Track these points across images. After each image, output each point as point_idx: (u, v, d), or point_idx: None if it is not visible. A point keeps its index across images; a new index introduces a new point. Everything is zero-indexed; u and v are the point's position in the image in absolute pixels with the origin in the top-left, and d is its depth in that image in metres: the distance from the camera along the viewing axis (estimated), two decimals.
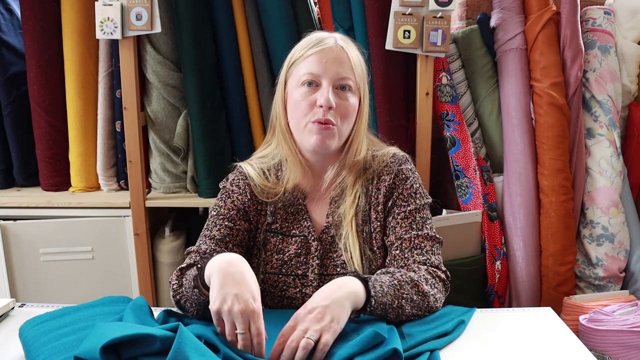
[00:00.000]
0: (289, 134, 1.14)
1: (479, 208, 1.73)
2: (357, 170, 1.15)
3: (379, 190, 1.14)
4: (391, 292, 0.99)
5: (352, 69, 1.10)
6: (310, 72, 1.08)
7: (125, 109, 1.69)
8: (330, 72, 1.08)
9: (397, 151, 1.21)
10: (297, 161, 1.14)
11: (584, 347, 0.97)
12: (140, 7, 1.60)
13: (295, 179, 1.14)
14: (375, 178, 1.15)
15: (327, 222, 1.14)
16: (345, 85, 1.09)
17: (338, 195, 1.15)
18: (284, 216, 1.16)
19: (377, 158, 1.17)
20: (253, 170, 1.17)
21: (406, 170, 1.16)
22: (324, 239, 1.14)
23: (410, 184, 1.14)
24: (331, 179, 1.15)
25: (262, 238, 1.15)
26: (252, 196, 1.15)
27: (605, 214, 1.74)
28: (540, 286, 1.78)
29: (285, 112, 1.14)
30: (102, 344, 0.78)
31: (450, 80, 1.78)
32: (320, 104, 1.06)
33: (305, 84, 1.09)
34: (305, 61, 1.09)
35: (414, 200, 1.13)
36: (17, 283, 1.78)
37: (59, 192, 1.88)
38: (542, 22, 1.73)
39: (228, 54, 1.74)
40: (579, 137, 1.78)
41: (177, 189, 1.85)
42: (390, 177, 1.14)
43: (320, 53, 1.08)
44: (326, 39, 1.11)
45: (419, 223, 1.11)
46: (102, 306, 1.02)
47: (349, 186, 1.14)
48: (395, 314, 1.00)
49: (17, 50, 1.89)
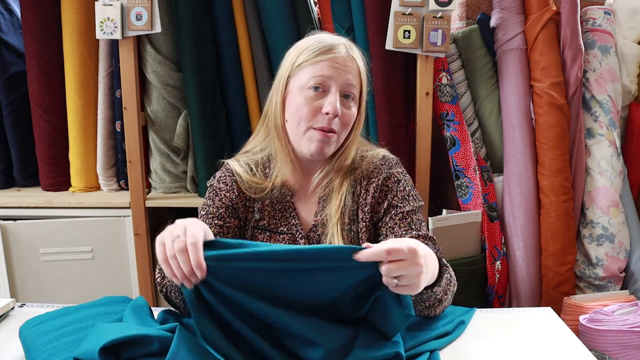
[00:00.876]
0: (283, 132, 1.13)
1: (479, 208, 1.73)
2: (345, 171, 1.15)
3: (367, 192, 1.14)
4: (443, 284, 1.00)
5: (359, 79, 1.11)
6: (320, 78, 1.07)
7: (125, 109, 1.69)
8: (339, 81, 1.08)
9: (387, 153, 1.22)
10: (288, 159, 1.13)
11: (584, 347, 0.97)
12: (140, 7, 1.60)
13: (283, 176, 1.14)
14: (364, 180, 1.16)
15: (315, 220, 1.15)
16: (349, 94, 1.10)
17: (326, 195, 1.15)
18: (272, 213, 1.16)
19: (366, 159, 1.18)
20: (239, 166, 1.16)
21: (397, 173, 1.17)
22: (311, 237, 1.15)
23: (403, 187, 1.15)
24: (319, 180, 1.15)
25: (250, 235, 1.15)
26: (240, 192, 1.15)
27: (605, 214, 1.74)
28: (540, 286, 1.78)
29: (282, 110, 1.13)
30: (101, 345, 0.78)
31: (450, 80, 1.78)
32: (327, 111, 1.06)
33: (311, 89, 1.08)
34: (314, 66, 1.08)
35: (409, 203, 1.14)
36: (17, 283, 1.78)
37: (59, 192, 1.88)
38: (542, 22, 1.73)
39: (228, 54, 1.74)
40: (579, 137, 1.78)
41: (177, 189, 1.85)
42: (379, 179, 1.15)
43: (332, 61, 1.08)
44: (337, 46, 1.10)
45: (417, 224, 1.12)
46: (102, 306, 1.02)
47: (336, 188, 1.14)
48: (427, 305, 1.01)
49: (17, 50, 1.89)
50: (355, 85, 1.10)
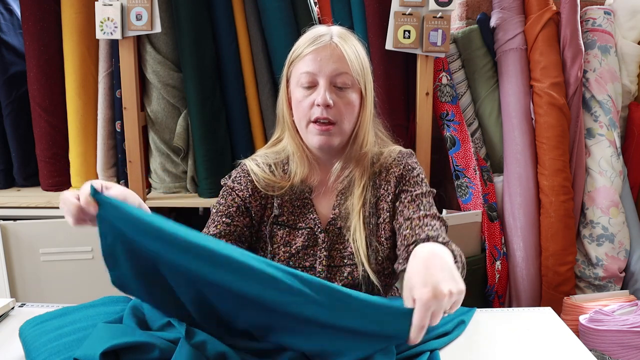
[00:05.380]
0: (294, 130, 1.16)
1: (479, 208, 1.73)
2: (364, 163, 1.16)
3: (388, 183, 1.16)
4: None
5: (347, 64, 1.10)
6: (306, 72, 1.10)
7: (125, 109, 1.69)
8: (325, 71, 1.09)
9: (402, 148, 1.25)
10: (304, 156, 1.16)
11: (584, 347, 0.97)
12: (140, 7, 1.60)
13: (302, 173, 1.16)
14: (384, 171, 1.17)
15: (334, 213, 1.16)
16: (342, 82, 1.10)
17: (345, 188, 1.16)
18: (291, 209, 1.17)
19: (384, 154, 1.20)
20: (257, 166, 1.18)
21: (412, 162, 1.19)
22: (330, 231, 1.15)
23: (417, 173, 1.17)
24: (338, 172, 1.17)
25: (269, 231, 1.16)
26: (255, 192, 1.16)
27: (605, 214, 1.74)
28: (540, 286, 1.78)
29: (290, 109, 1.16)
30: (102, 350, 0.78)
31: (450, 80, 1.78)
32: (318, 103, 1.08)
33: (303, 85, 1.10)
34: (302, 61, 1.11)
35: (420, 187, 1.15)
36: (17, 283, 1.78)
37: (59, 192, 1.87)
38: (542, 22, 1.73)
39: (228, 54, 1.74)
40: (579, 137, 1.78)
41: (177, 189, 1.85)
42: (399, 169, 1.17)
43: (315, 52, 1.09)
44: (322, 36, 1.11)
45: (426, 205, 1.13)
46: (102, 306, 1.02)
47: (356, 179, 1.15)
48: None
49: (17, 50, 1.89)
50: (347, 71, 1.10)
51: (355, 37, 1.16)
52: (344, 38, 1.12)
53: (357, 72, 1.11)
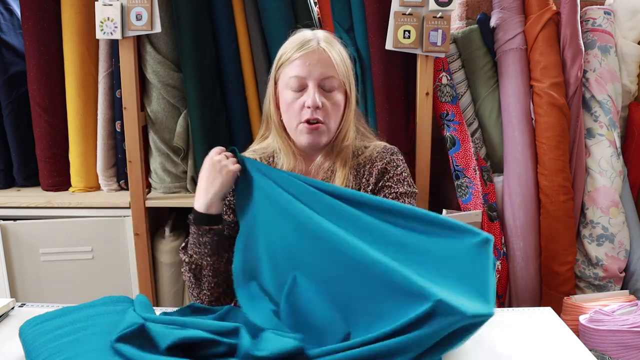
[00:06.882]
0: (282, 129, 1.23)
1: (479, 208, 1.73)
2: (345, 155, 1.22)
3: (370, 174, 1.22)
4: None
5: (334, 68, 1.17)
6: (296, 76, 1.16)
7: (125, 109, 1.69)
8: (314, 75, 1.15)
9: (387, 144, 1.29)
10: (291, 151, 1.23)
11: (584, 347, 0.97)
12: (140, 7, 1.60)
13: (288, 165, 1.22)
14: (368, 163, 1.23)
15: None
16: (330, 84, 1.17)
17: (328, 177, 1.22)
18: None
19: (368, 148, 1.26)
20: None
21: (397, 159, 1.24)
22: None
23: (401, 171, 1.22)
24: (321, 162, 1.23)
25: None
26: None
27: (605, 214, 1.74)
28: (540, 286, 1.78)
29: (277, 110, 1.23)
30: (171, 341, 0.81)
31: (450, 80, 1.78)
32: (308, 105, 1.14)
33: (292, 89, 1.17)
34: (291, 65, 1.17)
35: (403, 186, 1.20)
36: (17, 283, 1.78)
37: (59, 192, 1.87)
38: (542, 22, 1.73)
39: (228, 54, 1.74)
40: (579, 137, 1.78)
41: (177, 189, 1.85)
42: (382, 163, 1.22)
43: (304, 57, 1.16)
44: (310, 41, 1.17)
45: None
46: (102, 306, 1.02)
47: (338, 169, 1.21)
48: None
49: (17, 50, 1.89)
50: (333, 74, 1.17)
51: (338, 41, 1.22)
52: (329, 43, 1.19)
53: (343, 74, 1.19)
